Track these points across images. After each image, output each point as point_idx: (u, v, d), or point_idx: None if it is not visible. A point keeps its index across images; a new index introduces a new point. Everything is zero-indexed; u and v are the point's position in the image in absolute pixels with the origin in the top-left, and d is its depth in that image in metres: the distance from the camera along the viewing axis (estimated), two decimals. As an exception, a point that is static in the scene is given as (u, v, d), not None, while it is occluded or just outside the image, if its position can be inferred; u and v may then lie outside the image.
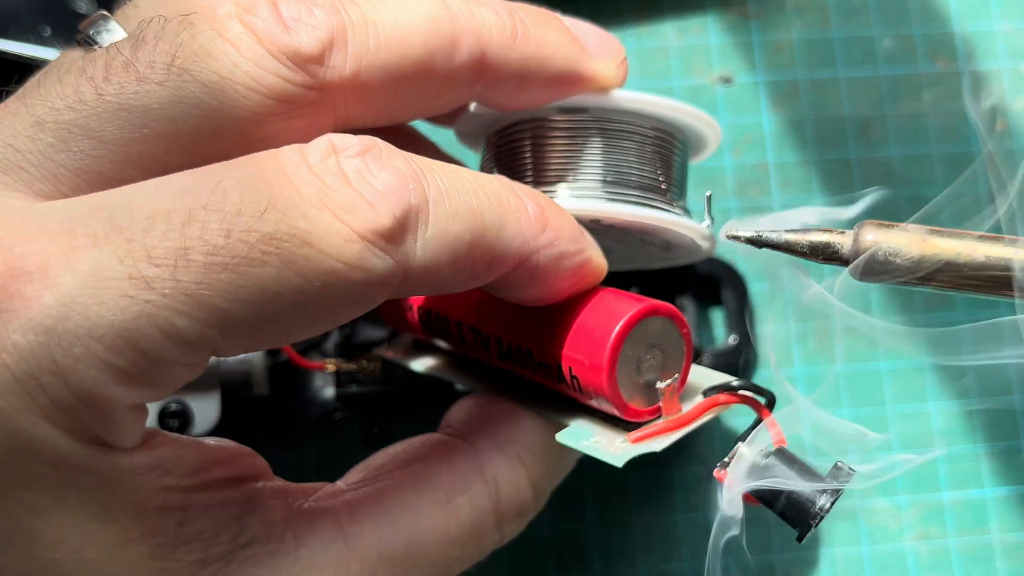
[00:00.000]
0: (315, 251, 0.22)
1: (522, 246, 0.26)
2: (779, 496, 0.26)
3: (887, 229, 0.24)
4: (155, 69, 0.24)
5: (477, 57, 0.27)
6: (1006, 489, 0.43)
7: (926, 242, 0.24)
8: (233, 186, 0.22)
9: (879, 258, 0.24)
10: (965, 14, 0.47)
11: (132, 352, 0.22)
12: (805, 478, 0.26)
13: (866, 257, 0.24)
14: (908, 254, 0.24)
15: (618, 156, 0.30)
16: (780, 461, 0.26)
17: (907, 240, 0.24)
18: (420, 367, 0.36)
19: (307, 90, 0.25)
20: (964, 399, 0.43)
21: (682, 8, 0.46)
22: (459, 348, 0.33)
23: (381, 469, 0.29)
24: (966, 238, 0.24)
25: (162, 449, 0.24)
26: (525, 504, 0.29)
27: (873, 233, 0.24)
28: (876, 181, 0.45)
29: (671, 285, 0.42)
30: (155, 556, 0.24)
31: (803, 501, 0.26)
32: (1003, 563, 0.42)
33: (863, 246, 0.24)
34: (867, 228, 0.24)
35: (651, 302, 0.28)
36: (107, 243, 0.22)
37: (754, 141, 0.45)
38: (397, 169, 0.24)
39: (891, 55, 0.46)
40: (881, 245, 0.24)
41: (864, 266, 0.24)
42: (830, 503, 0.25)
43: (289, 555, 0.25)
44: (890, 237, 0.24)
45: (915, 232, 0.24)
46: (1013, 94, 0.46)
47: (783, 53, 0.46)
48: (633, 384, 0.28)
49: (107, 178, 0.24)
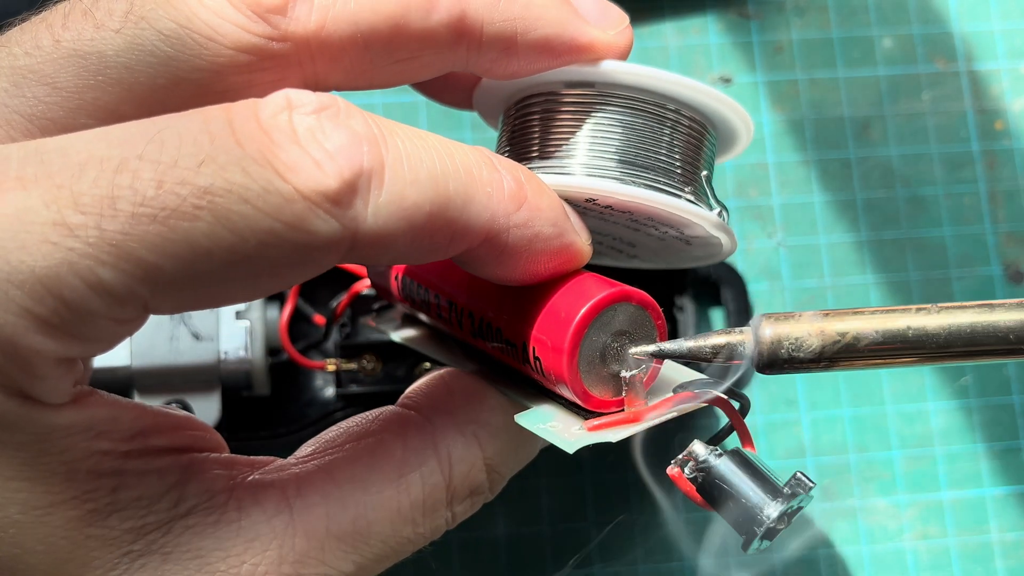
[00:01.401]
0: (252, 208, 0.21)
1: (490, 222, 0.24)
2: (728, 500, 0.25)
3: (783, 321, 0.25)
4: (113, 16, 0.24)
5: (456, 15, 0.26)
6: (1005, 488, 0.43)
7: (823, 329, 0.24)
8: (172, 136, 0.22)
9: (783, 355, 0.24)
10: (964, 14, 0.47)
11: (53, 300, 0.21)
12: (757, 483, 0.25)
13: (769, 353, 0.25)
14: (809, 346, 0.24)
15: (628, 136, 0.28)
16: (732, 462, 0.25)
17: (804, 330, 0.24)
18: (398, 337, 0.35)
19: (269, 41, 0.24)
20: (963, 398, 0.43)
21: (682, 8, 0.46)
22: (437, 322, 0.32)
23: (332, 443, 0.28)
24: (861, 316, 0.25)
25: (95, 409, 0.24)
26: (478, 484, 0.28)
27: (770, 327, 0.25)
28: (875, 181, 0.45)
29: (671, 285, 0.42)
30: (87, 522, 0.23)
31: (751, 507, 0.25)
32: (1002, 562, 0.42)
33: (762, 341, 0.25)
34: (763, 323, 0.25)
35: (624, 288, 0.26)
36: (35, 187, 0.21)
37: (754, 141, 0.45)
38: (352, 130, 0.23)
39: (890, 55, 0.46)
40: (782, 342, 0.24)
41: (768, 360, 0.25)
42: (779, 513, 0.25)
43: (231, 525, 0.25)
44: (786, 328, 0.25)
45: (809, 320, 0.25)
46: (1013, 94, 0.46)
47: (783, 53, 0.46)
48: (597, 372, 0.26)
49: (60, 125, 0.24)
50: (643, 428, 0.27)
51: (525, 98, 0.29)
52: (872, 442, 0.43)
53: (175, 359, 0.37)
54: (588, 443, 0.26)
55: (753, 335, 0.25)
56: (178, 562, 0.24)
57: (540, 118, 0.29)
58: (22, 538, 0.23)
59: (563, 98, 0.28)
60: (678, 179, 0.29)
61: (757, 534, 0.25)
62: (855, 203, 0.45)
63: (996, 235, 0.45)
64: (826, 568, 0.42)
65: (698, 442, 0.26)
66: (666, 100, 0.28)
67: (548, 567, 0.41)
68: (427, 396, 0.29)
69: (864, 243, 0.45)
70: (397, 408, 0.29)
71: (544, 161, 0.29)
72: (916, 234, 0.45)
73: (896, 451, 0.43)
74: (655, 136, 0.28)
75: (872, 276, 0.44)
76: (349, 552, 0.26)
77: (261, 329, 0.38)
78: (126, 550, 0.24)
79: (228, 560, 0.25)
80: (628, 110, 0.28)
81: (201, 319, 0.37)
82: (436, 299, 0.31)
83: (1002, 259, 0.45)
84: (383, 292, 0.35)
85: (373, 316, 0.38)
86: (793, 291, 0.44)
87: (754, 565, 0.41)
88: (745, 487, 0.25)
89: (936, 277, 0.45)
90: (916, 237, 0.45)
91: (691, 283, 0.42)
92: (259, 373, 0.38)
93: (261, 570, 0.25)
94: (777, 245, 0.45)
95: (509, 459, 0.29)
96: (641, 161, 0.28)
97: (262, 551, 0.25)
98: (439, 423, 0.28)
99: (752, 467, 0.25)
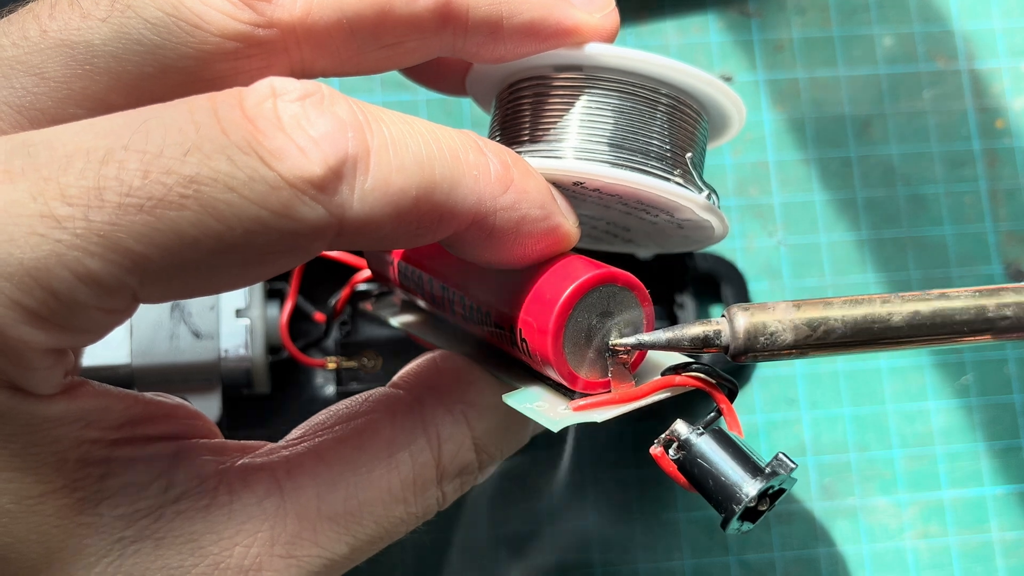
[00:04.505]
0: (238, 197, 0.21)
1: (477, 205, 0.25)
2: (708, 478, 0.25)
3: (756, 311, 0.26)
4: (99, 5, 0.24)
5: (441, 0, 0.26)
6: (1006, 487, 0.43)
7: (795, 318, 0.26)
8: (157, 126, 0.22)
9: (760, 344, 0.25)
10: (965, 12, 0.47)
11: (42, 292, 0.21)
12: (737, 462, 0.25)
13: (744, 341, 0.26)
14: (783, 336, 0.25)
15: (617, 119, 0.28)
16: (713, 440, 0.26)
17: (777, 318, 0.26)
18: (396, 323, 0.35)
19: (255, 28, 0.24)
20: (964, 397, 0.43)
21: (682, 6, 0.46)
22: (431, 307, 0.32)
23: (321, 425, 0.28)
24: (830, 306, 0.26)
25: (86, 400, 0.24)
26: (467, 463, 0.29)
27: (744, 317, 0.26)
28: (876, 179, 0.45)
29: (671, 282, 0.42)
30: (78, 510, 0.23)
31: (729, 485, 0.25)
32: (1003, 561, 0.42)
33: (737, 330, 0.26)
34: (737, 314, 0.26)
35: (609, 269, 0.26)
36: (22, 179, 0.21)
37: (754, 139, 0.45)
38: (336, 116, 0.23)
39: (891, 53, 0.46)
40: (759, 329, 0.25)
41: (743, 349, 0.26)
42: (758, 491, 0.25)
43: (222, 509, 0.25)
44: (760, 316, 0.26)
45: (781, 309, 0.26)
46: (1014, 92, 0.46)
47: (783, 51, 0.46)
48: (583, 354, 0.26)
49: (49, 116, 0.24)
50: (629, 409, 0.27)
51: (516, 82, 0.29)
52: (873, 441, 0.43)
53: (175, 357, 0.37)
54: (573, 422, 0.26)
55: (729, 325, 0.26)
56: (171, 547, 0.24)
57: (531, 102, 0.29)
58: (14, 527, 0.23)
59: (553, 82, 0.28)
60: (668, 162, 0.29)
61: (736, 512, 0.25)
62: (856, 202, 0.45)
63: (997, 234, 0.45)
64: (826, 567, 0.42)
65: (681, 421, 0.26)
66: (655, 83, 0.28)
67: (548, 566, 0.41)
68: (416, 377, 0.29)
69: (865, 242, 0.45)
70: (386, 389, 0.29)
71: (534, 145, 0.29)
72: (917, 233, 0.45)
73: (897, 450, 0.43)
74: (644, 119, 0.28)
75: (873, 275, 0.44)
76: (342, 533, 0.26)
77: (261, 327, 0.38)
78: (118, 536, 0.24)
79: (220, 543, 0.25)
80: (616, 93, 0.28)
81: (201, 317, 0.37)
82: (429, 284, 0.31)
83: (1003, 258, 0.45)
84: (381, 278, 0.35)
85: (372, 301, 0.38)
86: (793, 290, 0.44)
87: (754, 563, 0.41)
88: (725, 465, 0.25)
89: (937, 276, 0.44)
90: (917, 236, 0.45)
91: (691, 280, 0.42)
92: (259, 371, 0.38)
93: (254, 552, 0.25)
94: (777, 244, 0.44)
95: (498, 439, 0.29)
96: (630, 144, 0.28)
97: (254, 533, 0.25)
98: (428, 403, 0.28)
99: (734, 446, 0.26)
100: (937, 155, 0.46)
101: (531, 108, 0.29)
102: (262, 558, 0.25)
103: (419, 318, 0.35)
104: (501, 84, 0.30)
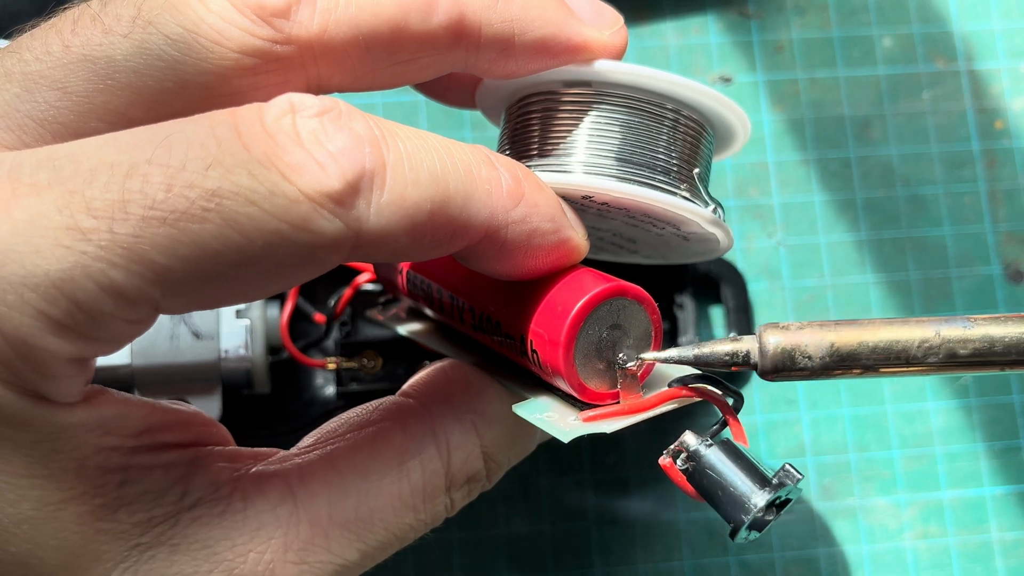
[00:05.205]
0: (259, 210, 0.22)
1: (490, 218, 0.25)
2: (717, 489, 0.26)
3: (787, 330, 0.26)
4: (121, 21, 0.24)
5: (455, 18, 0.26)
6: (1005, 488, 0.43)
7: (825, 339, 0.26)
8: (180, 141, 0.22)
9: (790, 365, 0.26)
10: (964, 13, 0.47)
11: (67, 303, 0.21)
12: (746, 473, 0.26)
13: (773, 362, 0.26)
14: (814, 358, 0.26)
15: (625, 134, 0.29)
16: (722, 451, 0.26)
17: (808, 340, 0.26)
18: (404, 331, 0.35)
19: (273, 45, 0.25)
20: (963, 398, 0.44)
21: (682, 7, 0.46)
22: (440, 316, 0.33)
23: (333, 432, 0.28)
24: (864, 326, 0.26)
25: (106, 408, 0.24)
26: (475, 471, 0.29)
27: (776, 336, 0.26)
28: (875, 180, 0.45)
29: (671, 283, 0.42)
30: (97, 516, 0.24)
31: (738, 496, 0.25)
32: (1002, 561, 0.42)
33: (768, 349, 0.26)
34: (768, 332, 0.26)
35: (620, 283, 0.27)
36: (48, 192, 0.22)
37: (754, 140, 0.45)
38: (354, 131, 0.23)
39: (891, 54, 0.46)
40: (789, 350, 0.26)
41: (772, 368, 0.26)
42: (766, 502, 0.25)
43: (237, 516, 0.25)
44: (791, 338, 0.26)
45: (812, 331, 0.26)
46: (1013, 93, 0.47)
47: (783, 52, 0.46)
48: (593, 366, 0.27)
49: (71, 130, 0.25)
50: (638, 420, 0.27)
51: (525, 97, 0.30)
52: (872, 441, 0.43)
53: (175, 357, 0.37)
54: (583, 433, 0.26)
55: (758, 344, 0.26)
56: (186, 553, 0.25)
57: (540, 117, 0.29)
58: (35, 533, 0.23)
59: (562, 97, 0.29)
60: (674, 176, 0.29)
61: (744, 522, 0.25)
62: (855, 202, 0.45)
63: (996, 234, 0.45)
64: (826, 567, 0.42)
65: (689, 432, 0.26)
66: (662, 99, 0.29)
67: (548, 566, 0.41)
68: (427, 386, 0.30)
69: (864, 242, 0.45)
70: (397, 398, 0.30)
71: (543, 159, 0.29)
72: (916, 233, 0.45)
73: (896, 450, 0.43)
74: (652, 134, 0.29)
75: (872, 275, 0.44)
76: (353, 539, 0.27)
77: (261, 327, 0.38)
78: (135, 543, 0.24)
79: (235, 549, 0.25)
80: (625, 109, 0.29)
81: (201, 318, 0.37)
82: (439, 293, 0.31)
83: (1002, 258, 0.45)
84: (389, 286, 0.35)
85: (379, 309, 0.38)
86: (793, 290, 0.44)
87: (754, 564, 0.41)
88: (734, 476, 0.26)
89: (936, 276, 0.45)
90: (916, 236, 0.45)
91: (691, 281, 0.42)
92: (259, 371, 0.38)
93: (267, 558, 0.25)
94: (777, 244, 0.45)
95: (506, 448, 0.30)
96: (638, 159, 0.29)
97: (267, 539, 0.25)
98: (438, 411, 0.29)
99: (742, 458, 0.26)
100: (936, 156, 0.46)
101: (540, 122, 0.29)
102: (275, 564, 0.25)
103: (426, 326, 0.35)
104: (511, 99, 0.30)
